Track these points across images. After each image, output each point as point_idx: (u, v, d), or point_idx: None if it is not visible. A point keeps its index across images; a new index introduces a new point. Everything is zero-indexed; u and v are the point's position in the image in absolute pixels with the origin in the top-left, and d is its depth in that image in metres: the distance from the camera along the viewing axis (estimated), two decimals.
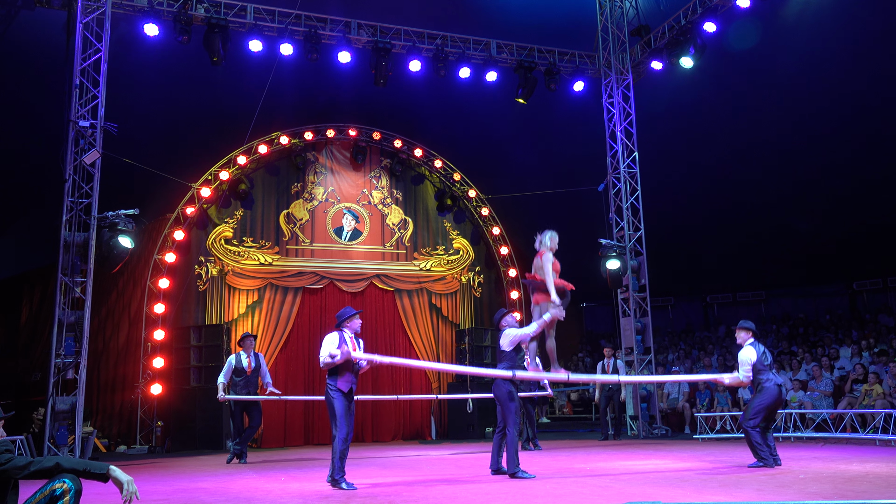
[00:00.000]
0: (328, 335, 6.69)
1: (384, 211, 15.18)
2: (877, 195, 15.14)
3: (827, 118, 14.44)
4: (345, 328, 6.78)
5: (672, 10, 13.77)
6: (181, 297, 13.47)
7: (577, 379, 8.09)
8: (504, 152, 16.61)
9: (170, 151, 13.59)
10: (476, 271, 15.96)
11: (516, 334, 6.92)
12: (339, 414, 6.40)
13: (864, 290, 17.63)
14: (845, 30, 13.18)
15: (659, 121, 15.05)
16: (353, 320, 6.84)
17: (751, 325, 7.64)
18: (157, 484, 7.25)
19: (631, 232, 13.97)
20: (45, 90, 12.50)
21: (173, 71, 13.23)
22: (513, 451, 6.74)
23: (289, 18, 12.82)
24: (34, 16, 11.83)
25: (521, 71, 13.94)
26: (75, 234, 10.63)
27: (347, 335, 6.72)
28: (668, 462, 8.00)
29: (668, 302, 19.94)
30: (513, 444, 6.77)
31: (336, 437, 6.35)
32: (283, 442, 13.41)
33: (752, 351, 7.37)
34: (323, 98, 14.84)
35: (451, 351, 15.23)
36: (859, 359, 12.75)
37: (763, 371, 7.32)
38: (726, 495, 5.19)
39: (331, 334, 6.70)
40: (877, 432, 9.55)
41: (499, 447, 7.00)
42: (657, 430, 13.06)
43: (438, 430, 14.61)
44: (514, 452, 6.74)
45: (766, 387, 7.23)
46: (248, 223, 14.20)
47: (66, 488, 3.62)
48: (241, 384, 9.96)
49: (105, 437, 12.80)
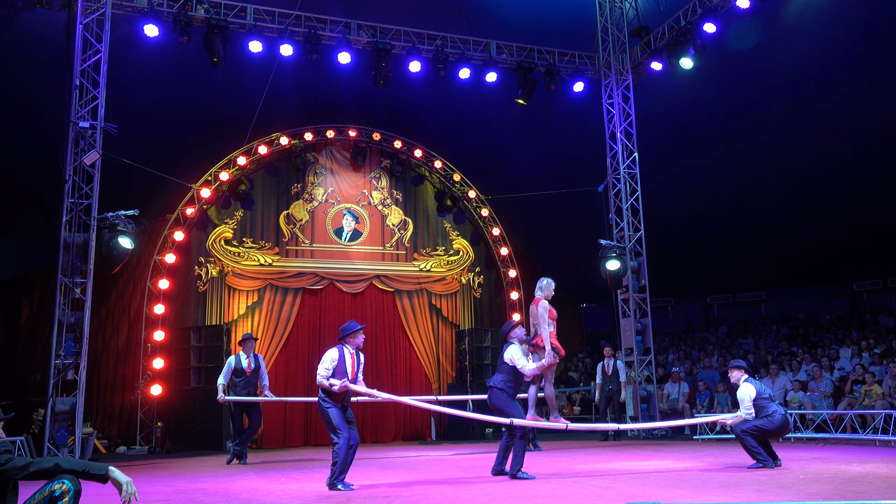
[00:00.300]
0: (328, 351, 6.67)
1: (384, 212, 15.18)
2: (877, 195, 15.13)
3: (827, 118, 14.43)
4: (347, 343, 6.72)
5: (672, 11, 13.77)
6: (181, 298, 13.47)
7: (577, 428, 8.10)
8: (504, 153, 16.61)
9: (170, 152, 13.58)
10: (476, 272, 15.96)
11: (517, 359, 6.92)
12: (336, 422, 6.39)
13: (864, 291, 17.62)
14: (845, 30, 13.17)
15: (659, 121, 15.05)
16: (356, 336, 6.76)
17: (741, 363, 7.76)
18: (157, 485, 7.25)
19: (631, 232, 13.97)
20: (45, 91, 12.49)
21: (173, 72, 13.23)
22: (520, 451, 6.75)
23: (289, 19, 12.82)
24: (34, 17, 11.83)
25: (520, 72, 13.94)
26: (75, 234, 10.62)
27: (348, 351, 6.68)
28: (668, 462, 8.00)
29: (668, 302, 19.94)
30: (521, 445, 6.77)
31: (339, 444, 6.30)
32: (283, 443, 13.40)
33: (751, 387, 7.40)
34: (323, 99, 14.84)
35: (450, 352, 15.23)
36: (859, 359, 12.75)
37: (767, 404, 7.32)
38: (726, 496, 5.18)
39: (331, 350, 6.66)
40: (877, 433, 9.56)
41: (505, 450, 6.99)
42: (657, 430, 13.05)
43: (438, 431, 14.60)
44: (522, 454, 6.75)
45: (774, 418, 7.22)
46: (248, 224, 14.20)
47: (65, 489, 3.62)
48: (240, 385, 9.98)
49: (105, 438, 12.79)
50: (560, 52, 14.62)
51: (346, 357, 6.62)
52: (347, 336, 6.73)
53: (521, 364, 6.88)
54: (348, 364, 6.60)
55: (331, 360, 6.55)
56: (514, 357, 6.92)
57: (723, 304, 19.58)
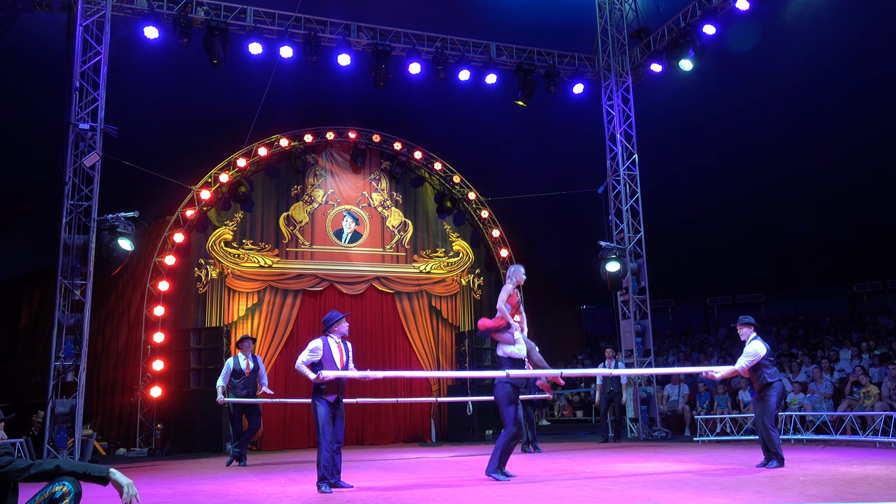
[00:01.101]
0: (312, 341, 6.61)
1: (384, 213, 15.18)
2: (877, 197, 15.14)
3: (827, 120, 14.44)
4: (332, 334, 6.65)
5: (671, 13, 13.79)
6: (181, 300, 13.47)
7: (571, 374, 8.12)
8: (504, 155, 16.63)
9: (170, 154, 13.58)
10: (476, 273, 15.96)
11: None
12: (322, 421, 6.37)
13: (863, 293, 17.63)
14: (845, 31, 13.18)
15: (658, 123, 15.06)
16: (340, 324, 6.69)
17: (752, 319, 7.70)
18: (157, 487, 7.25)
19: (630, 234, 13.97)
20: (45, 93, 12.49)
21: (173, 74, 13.24)
22: (498, 452, 6.74)
23: (288, 21, 12.82)
24: (34, 18, 11.83)
25: (520, 73, 13.95)
26: (75, 236, 10.62)
27: (333, 341, 6.61)
28: (668, 464, 7.99)
29: (668, 304, 19.95)
30: (500, 445, 6.76)
31: (320, 444, 6.33)
32: (283, 444, 13.40)
33: (762, 345, 7.41)
34: (323, 100, 14.85)
35: (450, 353, 15.22)
36: (859, 361, 12.75)
37: (770, 366, 7.36)
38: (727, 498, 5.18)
39: (314, 341, 6.60)
40: (877, 434, 9.55)
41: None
42: (657, 432, 13.05)
43: (438, 433, 14.61)
44: (500, 454, 6.73)
45: (775, 384, 7.27)
46: (247, 225, 14.20)
47: (65, 491, 3.62)
48: (240, 386, 9.98)
49: (105, 440, 12.79)
50: (560, 54, 14.63)
51: (331, 346, 6.54)
52: (332, 326, 6.66)
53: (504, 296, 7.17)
54: (335, 353, 6.53)
55: (314, 349, 6.49)
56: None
57: (723, 306, 19.59)
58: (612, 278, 13.41)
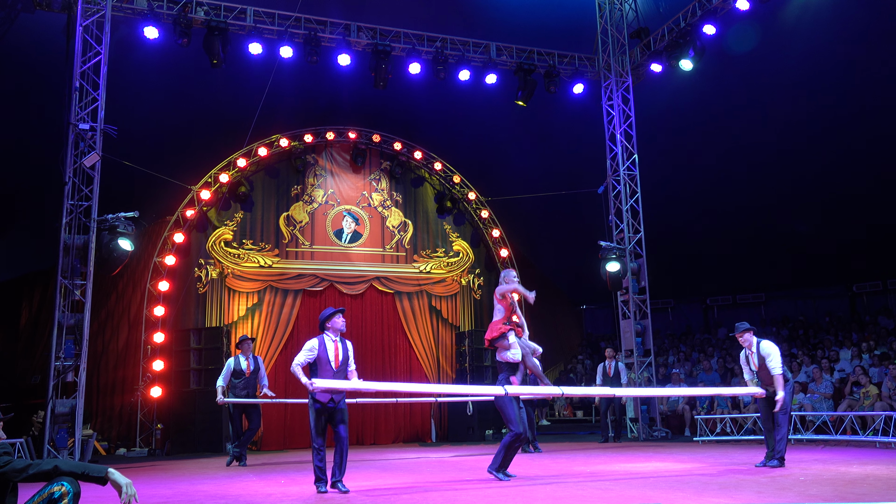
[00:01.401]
0: (308, 341, 6.52)
1: (384, 213, 15.18)
2: (877, 197, 15.14)
3: (827, 120, 14.44)
4: (328, 331, 6.50)
5: (671, 13, 13.79)
6: (181, 300, 13.46)
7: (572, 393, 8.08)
8: (504, 155, 16.62)
9: (170, 154, 13.58)
10: (476, 273, 15.96)
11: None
12: (311, 426, 6.46)
13: (863, 293, 17.62)
14: (844, 31, 13.18)
15: (659, 123, 15.06)
16: (333, 319, 6.50)
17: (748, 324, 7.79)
18: (157, 487, 7.25)
19: (631, 234, 13.97)
20: (45, 93, 12.49)
21: (173, 74, 13.24)
22: (502, 452, 6.76)
23: (288, 21, 12.82)
24: (34, 18, 11.83)
25: (520, 73, 13.94)
26: (75, 236, 10.62)
27: (330, 340, 6.47)
28: (668, 464, 7.99)
29: (668, 304, 19.94)
30: (504, 445, 6.78)
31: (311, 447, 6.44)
32: (283, 444, 13.40)
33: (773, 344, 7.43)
34: (323, 100, 14.84)
35: (450, 353, 15.22)
36: (859, 361, 12.75)
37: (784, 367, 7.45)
38: (727, 498, 5.18)
39: (310, 341, 6.48)
40: (877, 434, 9.55)
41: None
42: (657, 432, 13.05)
43: (438, 433, 14.60)
44: (503, 454, 6.76)
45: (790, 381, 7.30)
46: (247, 226, 14.19)
47: (64, 491, 3.61)
48: (240, 386, 9.99)
49: (105, 440, 12.78)
50: (560, 54, 14.63)
51: (327, 345, 6.42)
52: (325, 322, 6.51)
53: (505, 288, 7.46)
54: (331, 352, 6.40)
55: (310, 349, 6.39)
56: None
57: (723, 306, 19.58)
58: (612, 278, 13.41)
